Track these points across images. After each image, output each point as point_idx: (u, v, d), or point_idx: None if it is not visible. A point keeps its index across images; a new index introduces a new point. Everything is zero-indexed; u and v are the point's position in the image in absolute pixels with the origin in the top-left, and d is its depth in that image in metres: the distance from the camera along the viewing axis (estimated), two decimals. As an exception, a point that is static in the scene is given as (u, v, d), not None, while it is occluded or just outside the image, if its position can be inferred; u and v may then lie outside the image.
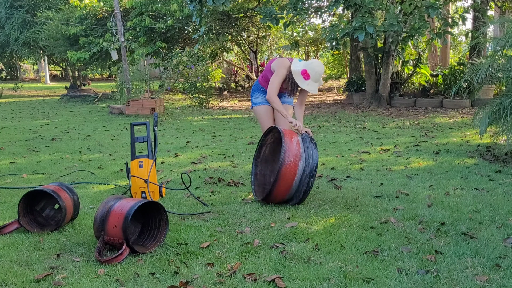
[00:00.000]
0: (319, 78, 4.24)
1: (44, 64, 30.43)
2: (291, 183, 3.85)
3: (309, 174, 3.87)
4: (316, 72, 4.21)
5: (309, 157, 3.89)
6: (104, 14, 17.98)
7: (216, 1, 11.06)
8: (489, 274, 2.68)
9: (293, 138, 3.94)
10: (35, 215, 3.62)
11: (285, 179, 3.81)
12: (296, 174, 3.83)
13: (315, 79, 4.22)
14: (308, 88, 4.22)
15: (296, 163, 3.82)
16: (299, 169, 3.83)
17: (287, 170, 3.80)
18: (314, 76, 4.20)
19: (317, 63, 4.30)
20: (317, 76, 4.22)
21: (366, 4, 10.34)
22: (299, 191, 3.90)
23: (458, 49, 22.69)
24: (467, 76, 6.46)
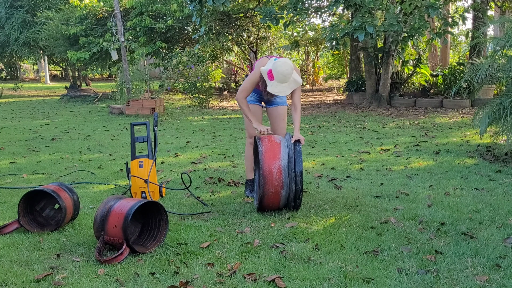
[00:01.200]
0: (283, 79, 3.82)
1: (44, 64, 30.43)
2: (277, 206, 3.77)
3: (293, 197, 3.71)
4: (279, 72, 3.79)
5: (292, 182, 3.65)
6: (104, 14, 17.97)
7: (216, 1, 11.06)
8: (489, 274, 2.68)
9: (274, 163, 3.61)
10: (35, 215, 3.62)
11: (269, 206, 3.75)
12: (279, 201, 3.72)
13: (280, 80, 3.82)
14: (271, 90, 3.86)
15: (277, 192, 3.64)
16: (282, 195, 3.68)
17: (269, 200, 3.68)
18: (278, 77, 3.81)
19: (281, 62, 3.84)
20: (281, 77, 3.81)
21: (366, 4, 10.34)
22: (289, 206, 3.81)
23: (458, 49, 22.69)
24: (467, 76, 6.46)
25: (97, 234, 3.10)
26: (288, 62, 3.88)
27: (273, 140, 3.79)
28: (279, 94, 3.88)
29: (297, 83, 3.93)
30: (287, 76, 3.83)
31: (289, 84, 3.88)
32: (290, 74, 3.85)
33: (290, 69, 3.83)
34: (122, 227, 2.98)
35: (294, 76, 3.88)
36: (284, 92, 3.89)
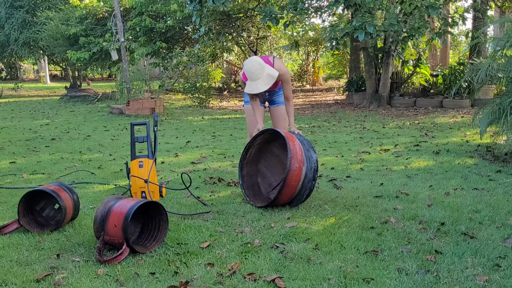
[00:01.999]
0: (253, 76, 3.90)
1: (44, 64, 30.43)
2: (295, 189, 3.84)
3: (311, 178, 3.86)
4: (247, 71, 3.93)
5: (310, 161, 3.88)
6: (104, 14, 17.97)
7: (216, 1, 11.06)
8: (489, 274, 2.68)
9: (295, 142, 3.88)
10: (35, 215, 3.62)
11: (291, 185, 3.80)
12: (300, 179, 3.82)
13: (251, 78, 3.93)
14: (246, 90, 4.00)
15: (301, 168, 3.81)
16: (303, 174, 3.82)
17: (293, 177, 3.78)
18: (248, 76, 3.94)
19: (247, 61, 3.98)
20: (250, 75, 3.90)
21: (366, 4, 10.34)
22: (301, 194, 3.89)
23: (458, 49, 22.68)
24: (467, 76, 6.46)
25: (97, 234, 3.10)
26: (254, 59, 3.92)
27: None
28: (254, 91, 3.91)
29: (272, 77, 3.95)
30: (255, 73, 3.88)
31: (263, 80, 3.89)
32: (260, 70, 3.87)
33: (257, 65, 3.88)
34: (122, 227, 2.98)
35: (268, 71, 3.90)
36: (259, 89, 3.90)
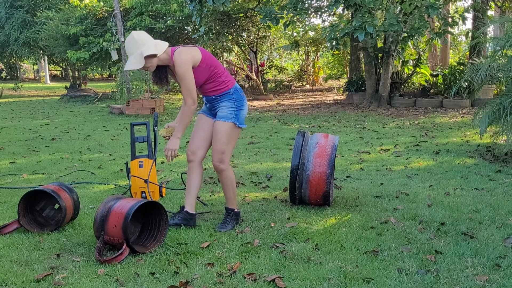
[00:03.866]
0: (126, 50, 3.32)
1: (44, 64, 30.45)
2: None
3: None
4: (125, 46, 3.35)
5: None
6: (104, 14, 17.98)
7: (216, 1, 11.06)
8: (489, 274, 2.68)
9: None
10: (35, 215, 3.62)
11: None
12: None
13: (127, 53, 3.32)
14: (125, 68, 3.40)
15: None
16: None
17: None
18: (126, 51, 3.36)
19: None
20: (126, 50, 3.34)
21: (366, 4, 10.34)
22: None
23: (458, 49, 22.68)
24: (467, 76, 6.46)
25: (97, 234, 3.10)
26: (136, 33, 3.30)
27: None
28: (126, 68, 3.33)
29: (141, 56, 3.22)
30: (127, 47, 3.29)
31: (135, 58, 3.25)
32: (132, 45, 3.25)
33: (130, 39, 3.27)
34: (122, 227, 2.98)
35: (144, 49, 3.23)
36: (127, 66, 3.29)
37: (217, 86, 3.44)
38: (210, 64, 3.41)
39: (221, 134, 3.44)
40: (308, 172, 3.84)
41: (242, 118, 3.50)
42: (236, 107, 3.46)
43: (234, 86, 3.50)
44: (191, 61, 3.31)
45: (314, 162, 3.84)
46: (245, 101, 3.56)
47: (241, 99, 3.50)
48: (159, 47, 3.30)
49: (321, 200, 3.90)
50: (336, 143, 3.96)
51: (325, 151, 3.88)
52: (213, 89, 3.45)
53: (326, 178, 3.81)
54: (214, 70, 3.42)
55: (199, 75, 3.40)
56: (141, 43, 3.25)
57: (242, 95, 3.53)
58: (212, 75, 3.43)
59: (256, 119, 10.92)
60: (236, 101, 3.47)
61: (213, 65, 3.42)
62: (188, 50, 3.33)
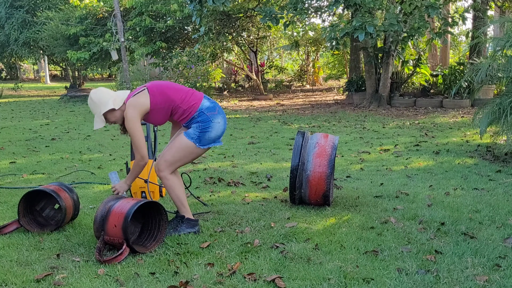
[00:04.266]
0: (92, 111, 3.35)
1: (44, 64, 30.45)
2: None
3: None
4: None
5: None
6: (104, 14, 17.98)
7: (216, 1, 11.06)
8: (489, 274, 2.68)
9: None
10: (35, 215, 3.62)
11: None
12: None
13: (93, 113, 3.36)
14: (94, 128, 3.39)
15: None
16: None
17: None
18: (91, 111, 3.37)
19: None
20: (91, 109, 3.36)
21: (366, 4, 10.34)
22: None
23: (458, 49, 22.67)
24: (467, 76, 6.46)
25: (97, 234, 3.10)
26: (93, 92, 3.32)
27: None
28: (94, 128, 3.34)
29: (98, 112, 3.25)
30: (91, 107, 3.33)
31: (98, 117, 3.29)
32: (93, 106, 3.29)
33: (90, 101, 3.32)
34: (122, 227, 2.98)
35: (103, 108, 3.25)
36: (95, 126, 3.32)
37: (181, 116, 3.38)
38: (164, 103, 3.31)
39: (177, 146, 3.39)
40: (308, 172, 3.84)
41: (207, 139, 3.38)
42: (201, 129, 3.35)
43: (199, 108, 3.36)
44: (138, 114, 3.26)
45: (314, 162, 3.84)
46: (215, 120, 3.38)
47: (207, 120, 3.36)
48: (117, 101, 3.27)
49: (321, 200, 3.90)
50: (336, 143, 3.96)
51: (325, 151, 3.88)
52: (180, 119, 3.41)
53: (326, 178, 3.81)
54: (170, 105, 3.33)
55: (157, 116, 3.37)
56: (99, 103, 3.26)
57: (210, 115, 3.37)
58: (172, 110, 3.36)
59: (256, 119, 10.92)
60: (202, 123, 3.36)
61: (168, 101, 3.32)
62: (135, 103, 3.25)
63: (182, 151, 3.38)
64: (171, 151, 3.40)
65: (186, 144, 3.37)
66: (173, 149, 3.40)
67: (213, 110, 3.41)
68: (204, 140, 3.38)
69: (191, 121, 3.38)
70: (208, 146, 3.43)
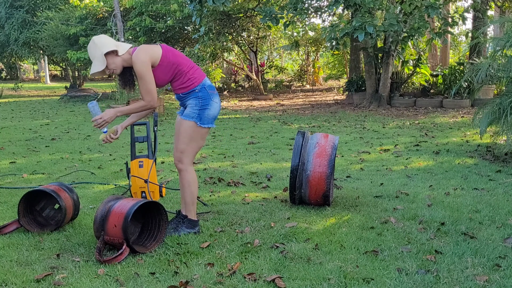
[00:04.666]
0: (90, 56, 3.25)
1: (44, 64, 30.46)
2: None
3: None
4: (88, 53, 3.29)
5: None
6: (104, 14, 17.99)
7: (216, 1, 11.06)
8: (489, 274, 2.68)
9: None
10: (35, 215, 3.62)
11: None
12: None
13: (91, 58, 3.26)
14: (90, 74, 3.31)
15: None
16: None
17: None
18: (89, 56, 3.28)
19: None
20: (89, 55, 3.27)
21: (366, 4, 10.34)
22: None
23: (458, 49, 22.68)
24: (467, 76, 6.46)
25: (97, 234, 3.10)
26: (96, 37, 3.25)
27: None
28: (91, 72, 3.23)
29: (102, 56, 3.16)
30: (89, 51, 3.23)
31: (98, 60, 3.19)
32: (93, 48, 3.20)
33: (91, 43, 3.22)
34: (122, 227, 2.98)
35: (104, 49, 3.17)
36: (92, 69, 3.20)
37: (183, 84, 3.32)
38: (173, 62, 3.27)
39: (182, 131, 3.34)
40: (308, 172, 3.84)
41: (206, 117, 3.34)
42: (201, 106, 3.32)
43: (201, 83, 3.34)
44: (149, 59, 3.18)
45: (314, 162, 3.84)
46: (214, 99, 3.37)
47: (207, 97, 3.34)
48: (120, 47, 3.22)
49: (321, 200, 3.90)
50: (336, 143, 3.96)
51: (325, 151, 3.88)
52: (179, 87, 3.34)
53: (326, 178, 3.81)
54: (178, 68, 3.29)
55: (161, 73, 3.28)
56: (101, 45, 3.18)
57: (210, 93, 3.36)
58: (177, 73, 3.30)
59: (256, 119, 10.92)
60: (202, 99, 3.32)
61: (176, 62, 3.28)
62: (147, 48, 3.22)
63: (188, 135, 3.32)
64: (180, 139, 3.35)
65: (188, 125, 3.32)
66: (180, 136, 3.35)
67: (213, 89, 3.41)
68: (204, 118, 3.33)
69: (190, 93, 3.34)
70: (208, 125, 3.38)
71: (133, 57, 3.19)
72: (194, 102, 3.33)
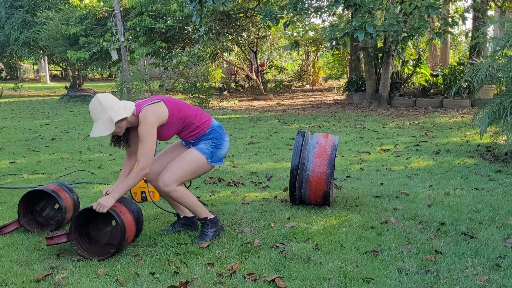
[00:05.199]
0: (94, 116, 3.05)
1: (44, 64, 30.45)
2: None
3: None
4: (90, 112, 3.09)
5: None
6: (104, 14, 17.99)
7: (216, 1, 11.06)
8: (489, 274, 2.68)
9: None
10: (35, 215, 3.62)
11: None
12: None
13: (94, 119, 3.06)
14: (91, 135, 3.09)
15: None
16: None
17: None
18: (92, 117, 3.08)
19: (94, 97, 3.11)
20: (92, 115, 3.06)
21: (366, 4, 10.34)
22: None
23: (458, 49, 22.68)
24: (467, 76, 6.46)
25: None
26: (100, 96, 3.05)
27: None
28: (91, 135, 3.06)
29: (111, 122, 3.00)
30: (93, 113, 3.04)
31: (103, 124, 3.01)
32: (99, 110, 3.01)
33: (96, 104, 3.02)
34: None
35: (112, 114, 3.01)
36: (95, 132, 3.03)
37: (191, 132, 3.30)
38: (180, 117, 3.21)
39: (189, 160, 3.24)
40: (308, 172, 3.84)
41: (218, 156, 3.32)
42: (214, 145, 3.30)
43: (211, 126, 3.32)
44: (158, 122, 3.11)
45: (314, 162, 3.84)
46: (226, 139, 3.37)
47: (220, 137, 3.33)
48: (127, 109, 3.08)
49: (321, 200, 3.90)
50: (336, 143, 3.96)
51: (325, 151, 3.88)
52: (189, 135, 3.31)
53: (326, 178, 3.81)
54: (185, 120, 3.24)
55: (169, 129, 3.22)
56: (108, 108, 3.01)
57: (221, 133, 3.35)
58: (185, 125, 3.26)
59: (256, 119, 10.92)
60: (215, 140, 3.31)
61: (183, 116, 3.23)
62: (155, 110, 3.10)
63: (193, 165, 3.24)
64: (181, 165, 3.22)
65: (198, 157, 3.25)
66: (183, 163, 3.23)
67: (222, 128, 3.40)
68: (215, 157, 3.31)
69: (201, 138, 3.31)
70: (217, 163, 3.35)
71: (140, 118, 3.07)
72: (209, 142, 3.31)
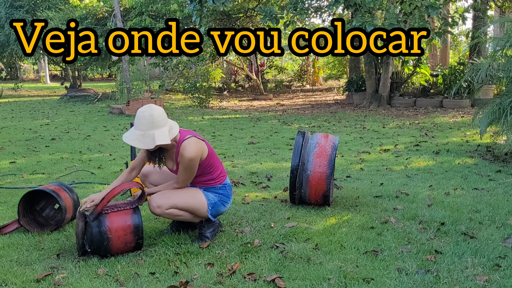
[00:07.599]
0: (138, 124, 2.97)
1: (44, 64, 30.44)
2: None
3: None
4: (137, 117, 3.00)
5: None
6: (104, 14, 17.98)
7: (216, 1, 11.05)
8: (489, 274, 2.68)
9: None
10: (35, 215, 3.62)
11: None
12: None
13: (137, 126, 2.98)
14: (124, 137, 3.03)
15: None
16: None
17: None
18: (136, 122, 3.01)
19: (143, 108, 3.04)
20: (137, 122, 2.98)
21: (366, 4, 10.34)
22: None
23: (458, 49, 22.68)
24: (467, 76, 6.46)
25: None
26: (156, 109, 3.00)
27: None
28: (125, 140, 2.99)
29: (151, 142, 2.93)
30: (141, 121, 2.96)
31: (144, 137, 2.95)
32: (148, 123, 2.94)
33: (148, 116, 2.95)
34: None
35: (157, 133, 2.94)
36: (131, 140, 2.97)
37: (207, 181, 3.26)
38: (211, 163, 3.22)
39: (193, 198, 3.18)
40: (308, 172, 3.84)
41: (217, 211, 3.29)
42: (220, 200, 3.28)
43: (224, 182, 3.32)
44: (200, 156, 3.10)
45: (314, 162, 3.84)
46: (230, 200, 3.36)
47: (228, 196, 3.32)
48: (171, 132, 3.03)
49: (321, 200, 3.90)
50: (336, 143, 3.96)
51: (325, 151, 3.88)
52: (202, 181, 3.26)
53: (326, 178, 3.81)
54: (211, 167, 3.23)
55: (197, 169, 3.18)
56: (157, 125, 2.96)
57: (230, 192, 3.34)
58: (208, 172, 3.24)
59: (256, 119, 10.92)
60: (222, 196, 3.30)
61: (212, 164, 3.23)
62: (201, 146, 3.10)
63: (192, 203, 3.17)
64: (183, 198, 3.15)
65: (201, 201, 3.20)
66: (187, 197, 3.17)
67: (231, 189, 3.40)
68: (215, 210, 3.27)
69: (211, 189, 3.27)
70: (211, 217, 3.27)
71: (184, 148, 3.02)
72: (216, 195, 3.28)
